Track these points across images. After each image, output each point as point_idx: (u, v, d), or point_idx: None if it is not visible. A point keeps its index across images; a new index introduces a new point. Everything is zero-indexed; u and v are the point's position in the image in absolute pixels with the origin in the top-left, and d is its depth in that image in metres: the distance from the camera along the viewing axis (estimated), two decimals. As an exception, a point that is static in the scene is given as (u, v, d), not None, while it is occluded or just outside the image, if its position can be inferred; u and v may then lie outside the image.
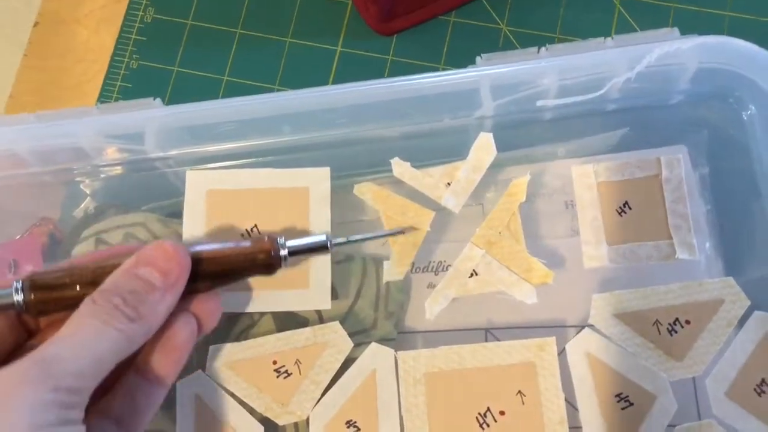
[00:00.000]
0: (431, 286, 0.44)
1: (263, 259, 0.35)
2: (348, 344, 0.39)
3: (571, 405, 0.38)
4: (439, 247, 0.44)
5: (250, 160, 0.43)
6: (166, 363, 0.34)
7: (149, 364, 0.34)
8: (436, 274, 0.44)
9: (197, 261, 0.34)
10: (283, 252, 0.36)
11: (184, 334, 0.34)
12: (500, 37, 0.53)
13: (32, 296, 0.32)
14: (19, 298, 0.32)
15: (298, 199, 0.41)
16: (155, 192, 0.46)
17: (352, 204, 0.43)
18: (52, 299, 0.33)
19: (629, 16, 0.52)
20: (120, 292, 0.32)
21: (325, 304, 0.40)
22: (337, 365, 0.39)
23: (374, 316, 0.42)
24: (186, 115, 0.42)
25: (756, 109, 0.40)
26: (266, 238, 0.36)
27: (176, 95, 0.53)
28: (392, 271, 0.40)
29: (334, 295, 0.42)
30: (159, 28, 0.55)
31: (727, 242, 0.44)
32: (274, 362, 0.39)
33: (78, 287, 0.33)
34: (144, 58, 0.55)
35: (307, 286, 0.40)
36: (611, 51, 0.40)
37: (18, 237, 0.47)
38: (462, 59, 0.53)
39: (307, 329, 0.40)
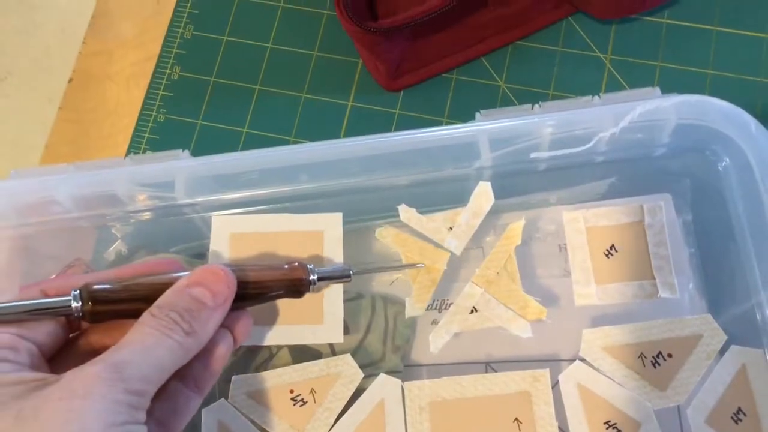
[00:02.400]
0: (435, 322, 0.47)
1: (296, 284, 0.39)
2: (358, 375, 0.43)
3: (565, 433, 0.42)
4: (442, 287, 0.47)
5: (270, 206, 0.47)
6: (205, 373, 0.37)
7: (191, 373, 0.36)
8: (439, 312, 0.48)
9: (240, 284, 0.38)
10: (312, 277, 0.39)
11: (223, 348, 0.37)
12: (499, 93, 0.57)
13: (90, 306, 0.35)
14: (77, 305, 0.35)
15: (313, 241, 0.45)
16: (182, 235, 0.50)
17: (364, 246, 0.47)
18: (108, 310, 0.36)
19: (618, 74, 0.56)
20: (176, 308, 0.35)
21: (337, 338, 0.43)
22: (349, 394, 0.42)
23: (382, 349, 0.46)
24: (212, 165, 0.46)
25: (730, 161, 0.44)
26: (297, 265, 0.39)
27: (200, 147, 0.58)
28: (413, 308, 0.44)
29: (346, 330, 0.45)
30: (184, 84, 0.60)
31: (709, 283, 0.47)
32: (291, 391, 0.43)
33: (132, 302, 0.36)
34: (170, 112, 0.59)
35: (321, 322, 0.43)
36: (598, 108, 0.44)
37: (53, 276, 0.51)
38: (464, 113, 0.57)
39: (321, 361, 0.43)
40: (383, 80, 0.58)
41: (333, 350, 0.45)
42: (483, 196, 0.45)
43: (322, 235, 0.45)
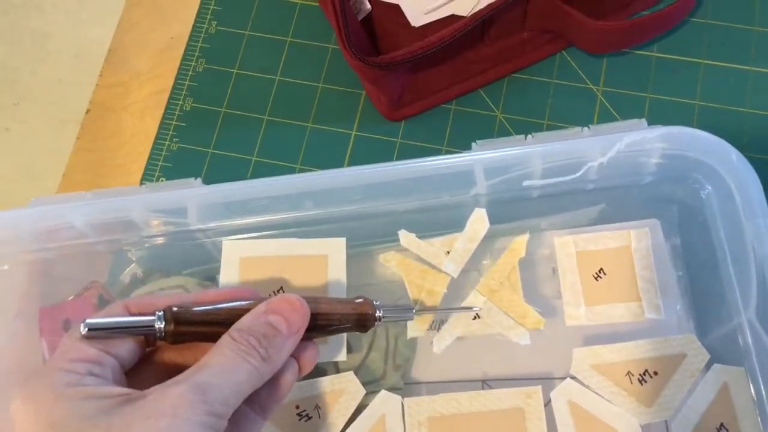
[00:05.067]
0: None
1: (363, 319, 0.40)
2: (361, 392, 0.45)
3: (557, 448, 0.44)
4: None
5: (277, 231, 0.49)
6: (271, 398, 0.38)
7: (258, 398, 0.37)
8: (438, 332, 0.50)
9: (311, 315, 0.39)
10: (378, 313, 0.41)
11: (290, 375, 0.38)
12: (496, 123, 0.60)
13: (173, 327, 0.36)
14: (160, 326, 0.36)
15: (318, 265, 0.47)
16: (194, 259, 0.52)
17: (366, 270, 0.50)
18: (189, 332, 0.37)
19: (609, 104, 0.59)
20: (254, 334, 0.36)
21: (341, 356, 0.45)
22: (352, 410, 0.45)
23: (384, 368, 0.48)
24: (222, 192, 0.48)
25: (713, 189, 0.47)
26: (364, 300, 0.41)
27: (211, 174, 0.60)
28: (415, 329, 0.46)
29: (349, 349, 0.47)
30: (196, 115, 0.63)
31: (696, 304, 0.50)
32: (297, 407, 0.45)
33: (212, 325, 0.37)
34: (183, 141, 0.62)
35: (326, 341, 0.46)
36: (587, 139, 0.47)
37: (71, 298, 0.54)
38: (462, 141, 0.60)
39: (326, 378, 0.45)
40: (385, 111, 0.60)
41: (337, 368, 0.48)
42: (479, 221, 0.47)
43: (327, 259, 0.47)
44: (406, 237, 0.47)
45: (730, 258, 0.45)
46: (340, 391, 0.45)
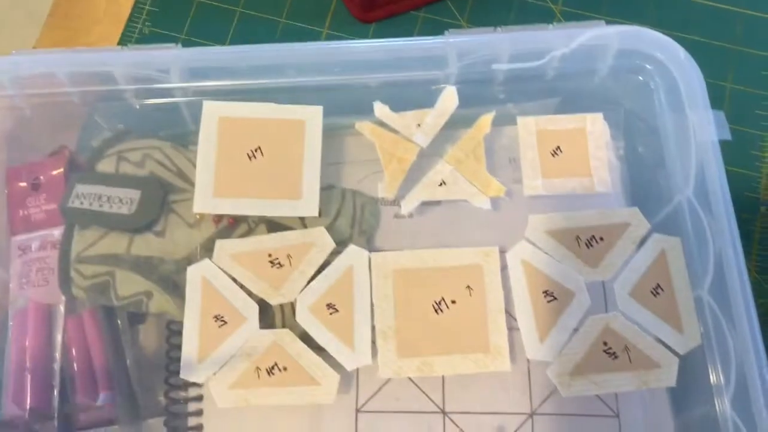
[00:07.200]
0: (397, 216, 0.52)
1: None
2: (330, 245, 0.48)
3: (510, 314, 0.47)
4: (405, 185, 0.53)
5: (255, 97, 0.51)
6: None
7: None
8: (400, 207, 0.53)
9: None
10: None
11: None
12: (461, 31, 0.63)
13: None
14: None
15: (295, 130, 0.50)
16: (167, 123, 0.54)
17: (338, 147, 0.52)
18: None
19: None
20: None
21: (313, 211, 0.48)
22: (321, 260, 0.47)
23: (350, 232, 0.51)
24: (204, 55, 0.50)
25: (660, 81, 0.51)
26: None
27: (184, 56, 0.62)
28: (385, 191, 0.49)
29: (318, 213, 0.50)
30: (170, 1, 0.64)
31: (636, 193, 0.54)
32: (269, 255, 0.47)
33: None
34: (155, 26, 0.63)
35: (300, 197, 0.48)
36: (552, 31, 0.51)
37: (41, 159, 0.54)
38: (428, 47, 0.63)
39: (298, 231, 0.48)
40: (357, 11, 0.63)
41: (305, 227, 0.50)
42: (449, 98, 0.50)
43: (304, 125, 0.50)
44: (380, 109, 0.50)
45: (673, 144, 0.50)
46: (311, 243, 0.48)
